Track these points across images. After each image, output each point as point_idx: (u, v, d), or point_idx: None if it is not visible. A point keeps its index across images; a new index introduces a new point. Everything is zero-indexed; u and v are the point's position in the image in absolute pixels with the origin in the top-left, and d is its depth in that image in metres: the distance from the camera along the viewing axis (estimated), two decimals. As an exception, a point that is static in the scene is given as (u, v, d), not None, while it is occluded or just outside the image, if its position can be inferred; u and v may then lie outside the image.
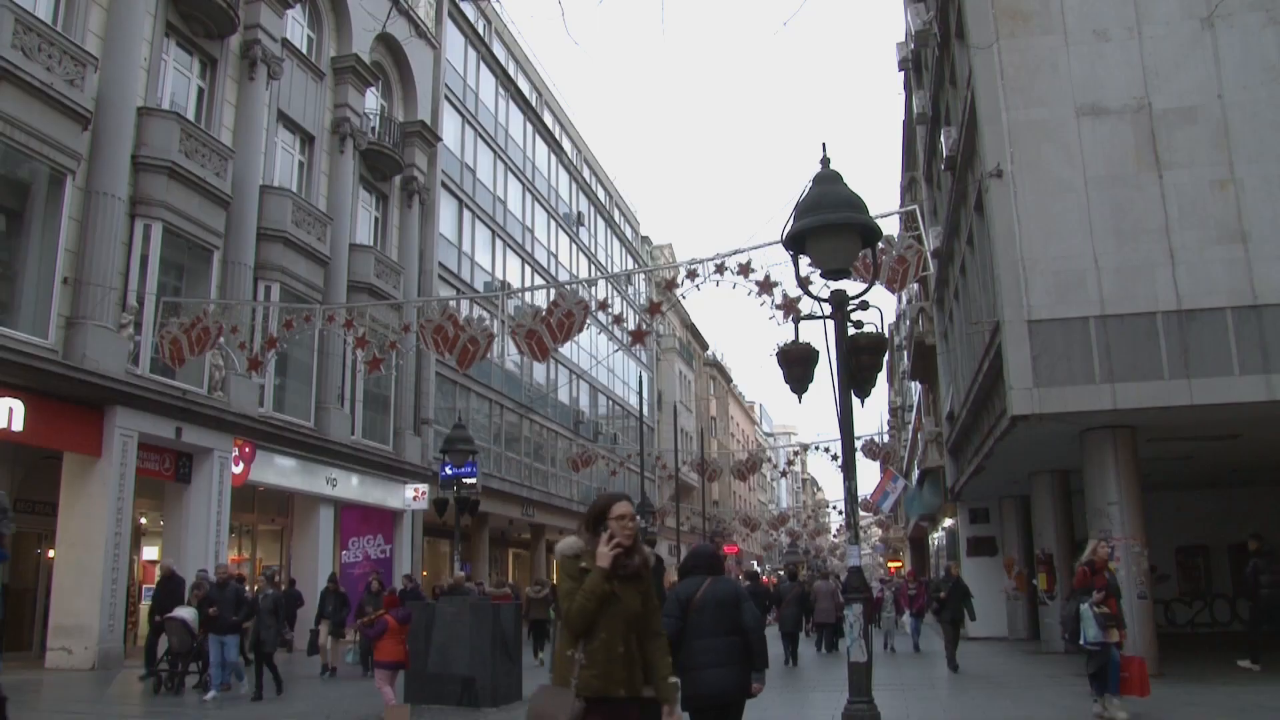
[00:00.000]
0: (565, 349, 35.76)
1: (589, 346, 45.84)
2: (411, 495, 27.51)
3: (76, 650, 16.61)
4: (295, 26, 24.83)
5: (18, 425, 15.85)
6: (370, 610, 14.58)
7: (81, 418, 17.21)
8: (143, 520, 21.37)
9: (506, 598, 21.44)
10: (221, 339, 16.84)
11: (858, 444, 25.81)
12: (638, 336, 17.90)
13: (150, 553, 21.96)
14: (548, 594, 22.84)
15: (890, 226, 26.90)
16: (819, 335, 9.33)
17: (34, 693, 13.90)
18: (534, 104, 42.56)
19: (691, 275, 14.44)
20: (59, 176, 17.02)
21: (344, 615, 17.88)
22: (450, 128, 32.94)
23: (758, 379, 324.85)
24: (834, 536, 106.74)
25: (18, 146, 16.10)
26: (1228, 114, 14.14)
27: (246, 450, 21.00)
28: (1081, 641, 10.92)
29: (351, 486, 25.29)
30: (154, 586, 16.99)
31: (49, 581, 17.86)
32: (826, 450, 35.20)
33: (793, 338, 8.92)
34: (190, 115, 20.33)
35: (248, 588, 16.98)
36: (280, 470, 22.69)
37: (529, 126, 41.93)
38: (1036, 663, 17.44)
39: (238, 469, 20.75)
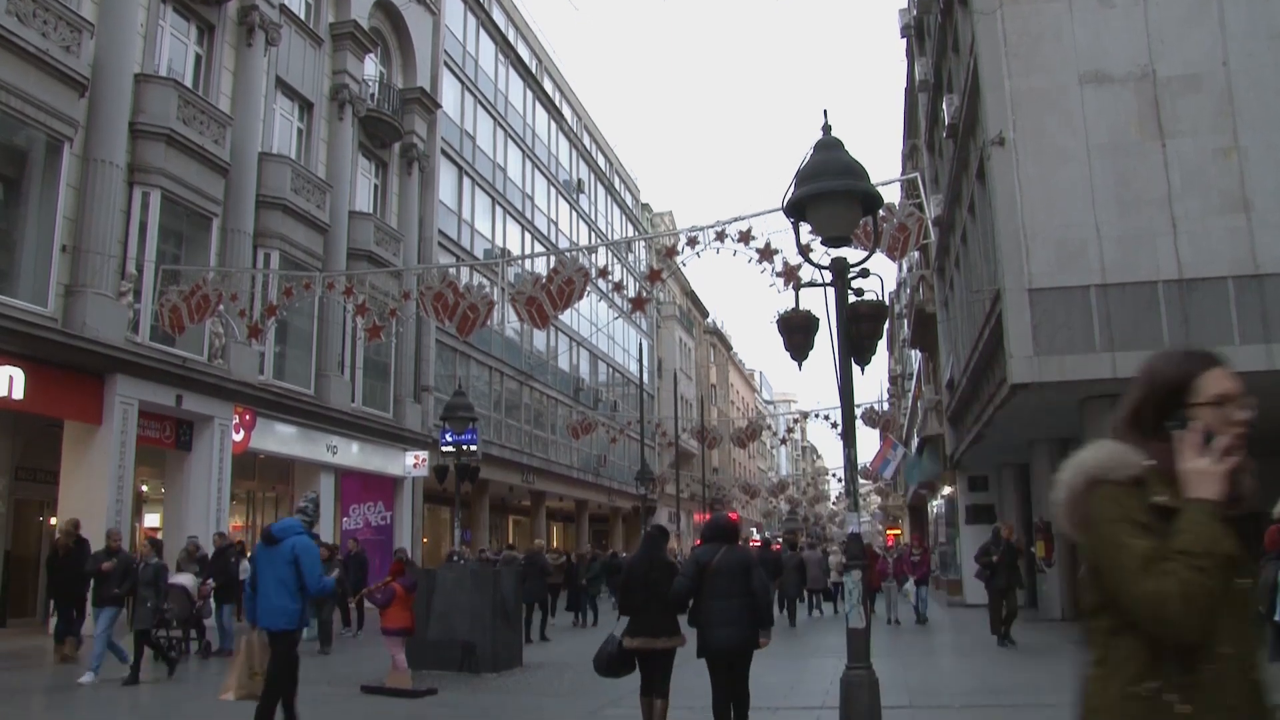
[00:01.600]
0: (565, 316, 35.71)
1: (589, 314, 45.81)
2: (412, 462, 27.59)
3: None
4: (293, -9, 24.62)
5: (18, 394, 15.86)
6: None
7: (82, 386, 17.22)
8: (144, 488, 21.44)
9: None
10: (221, 307, 16.81)
11: (858, 412, 25.86)
12: (638, 304, 17.88)
13: (152, 520, 22.05)
14: (565, 561, 23.26)
15: (891, 194, 26.71)
16: (819, 303, 9.37)
17: (38, 659, 13.99)
18: (534, 70, 42.29)
19: (692, 242, 14.39)
20: (56, 144, 16.93)
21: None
22: (450, 94, 32.74)
23: (758, 347, 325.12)
24: (833, 504, 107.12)
25: (14, 113, 16.00)
26: (1233, 81, 14.06)
27: (247, 418, 21.03)
28: (1277, 616, 9.80)
29: (352, 454, 25.35)
30: (53, 550, 15.31)
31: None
32: (826, 418, 35.25)
33: (793, 305, 8.90)
34: (188, 82, 20.18)
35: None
36: (281, 438, 22.74)
37: (529, 93, 41.69)
38: (1034, 630, 17.54)
39: (238, 436, 20.79)
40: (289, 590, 7.63)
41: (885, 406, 43.46)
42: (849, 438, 8.42)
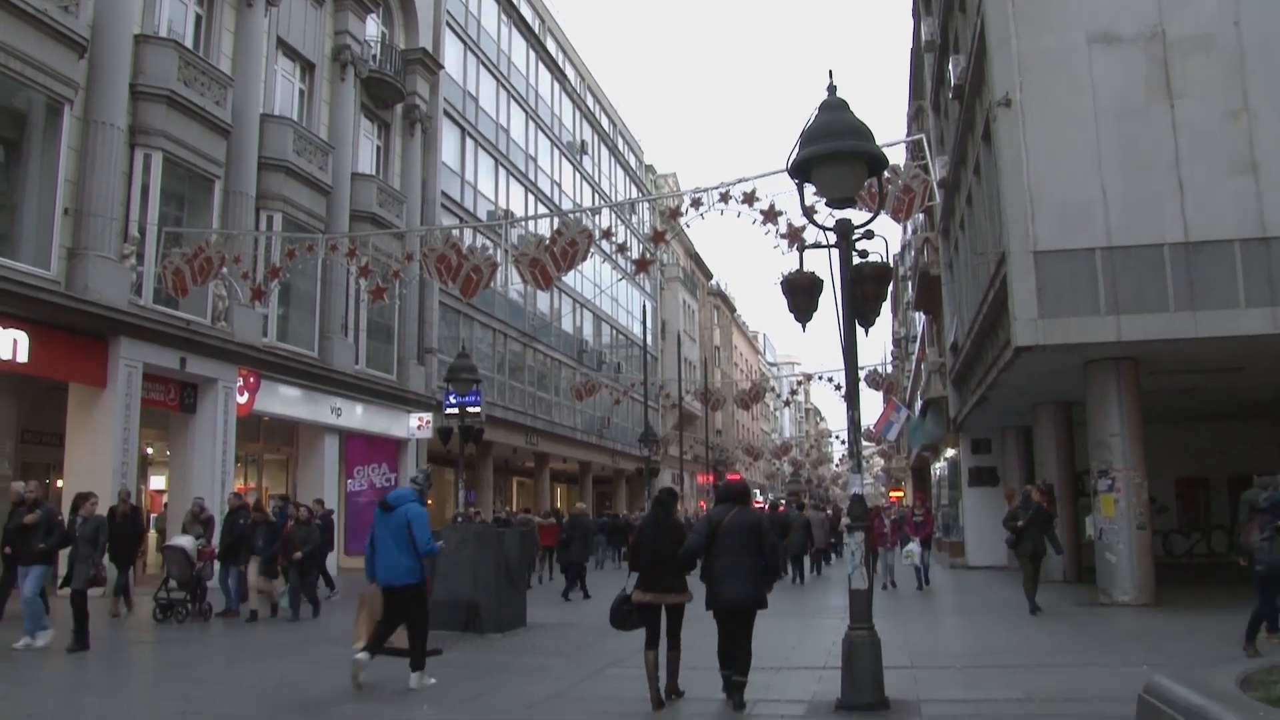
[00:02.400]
0: (569, 278, 35.61)
1: (593, 275, 45.71)
2: (416, 424, 27.65)
3: (86, 578, 16.82)
4: (293, -50, 24.37)
5: (22, 357, 15.88)
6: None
7: (86, 349, 17.23)
8: (149, 450, 21.52)
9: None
10: (224, 269, 16.78)
11: (861, 374, 25.87)
12: (641, 265, 17.83)
13: (157, 482, 22.16)
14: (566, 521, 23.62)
15: (897, 156, 26.65)
16: (824, 265, 9.31)
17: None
18: (537, 31, 41.94)
19: (696, 204, 14.32)
20: (56, 106, 16.83)
21: (275, 550, 15.11)
22: (452, 55, 32.48)
23: (762, 309, 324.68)
24: (836, 466, 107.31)
25: (13, 75, 15.89)
26: (1244, 42, 13.89)
27: (251, 380, 21.06)
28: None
29: (356, 416, 25.41)
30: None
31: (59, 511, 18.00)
32: (830, 380, 35.32)
33: (797, 267, 8.84)
34: (188, 43, 20.02)
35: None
36: (285, 400, 22.78)
37: (532, 54, 41.36)
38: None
39: (242, 399, 20.83)
40: (406, 550, 8.79)
41: (889, 369, 43.49)
42: (853, 400, 8.43)
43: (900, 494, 60.04)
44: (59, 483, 18.50)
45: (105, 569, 11.85)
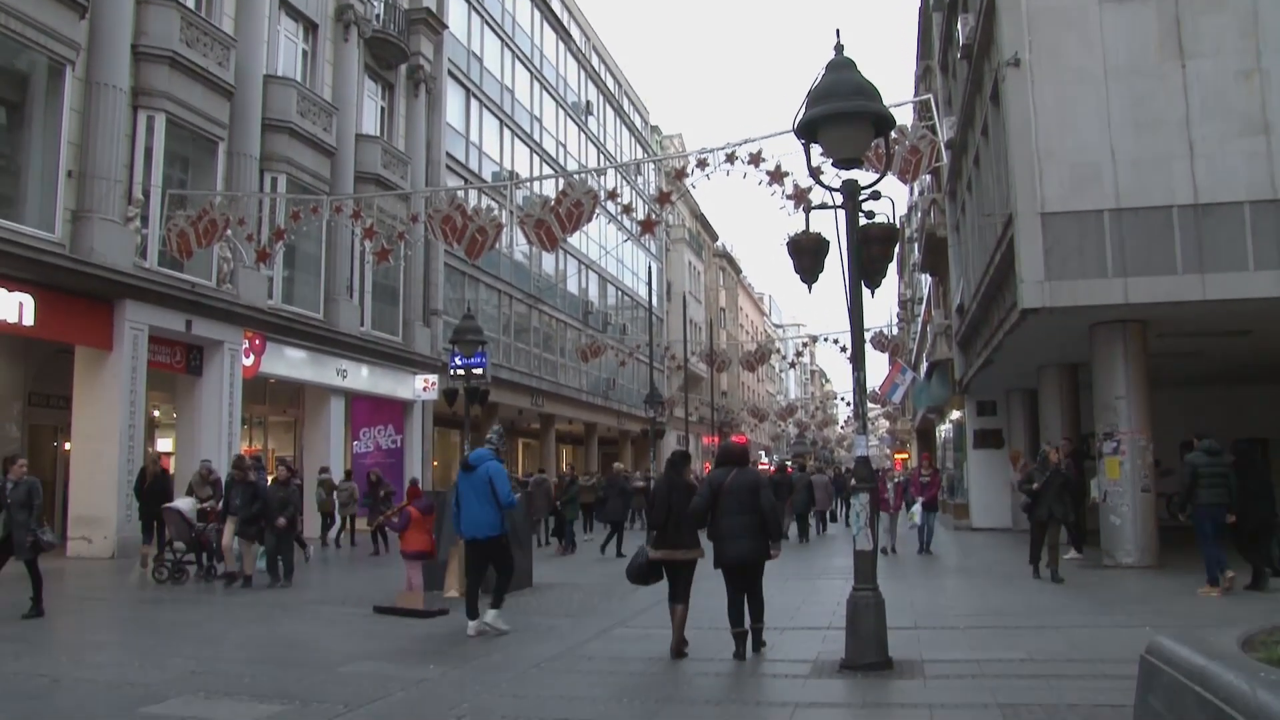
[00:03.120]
0: (574, 239, 35.52)
1: (598, 237, 45.60)
2: (421, 386, 27.70)
3: (96, 539, 16.96)
4: (295, -93, 24.11)
5: (28, 320, 15.92)
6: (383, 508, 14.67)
7: (91, 311, 17.25)
8: (156, 413, 21.61)
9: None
10: (229, 231, 16.75)
11: (867, 335, 25.83)
12: (647, 226, 17.77)
13: (164, 444, 22.26)
14: (597, 481, 24.49)
15: (904, 116, 26.35)
16: (830, 226, 9.30)
17: (59, 580, 14.20)
18: (541, -11, 41.57)
19: (701, 165, 14.25)
20: (58, 67, 16.74)
21: (255, 511, 14.11)
22: (456, 15, 32.19)
23: (768, 270, 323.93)
24: (841, 428, 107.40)
25: (14, 36, 15.79)
26: (1258, 1, 13.71)
27: (256, 342, 21.10)
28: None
29: (362, 377, 25.45)
30: None
31: (67, 473, 18.14)
32: (835, 342, 35.24)
33: (803, 228, 8.81)
34: (190, 4, 19.84)
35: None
36: (290, 362, 22.82)
37: (537, 13, 41.00)
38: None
39: (248, 361, 20.88)
40: (488, 505, 9.43)
41: (894, 330, 43.38)
42: (858, 361, 8.42)
43: (905, 456, 60.14)
44: (66, 445, 18.63)
45: (47, 533, 10.98)
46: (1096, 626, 9.69)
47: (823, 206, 8.57)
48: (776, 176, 13.75)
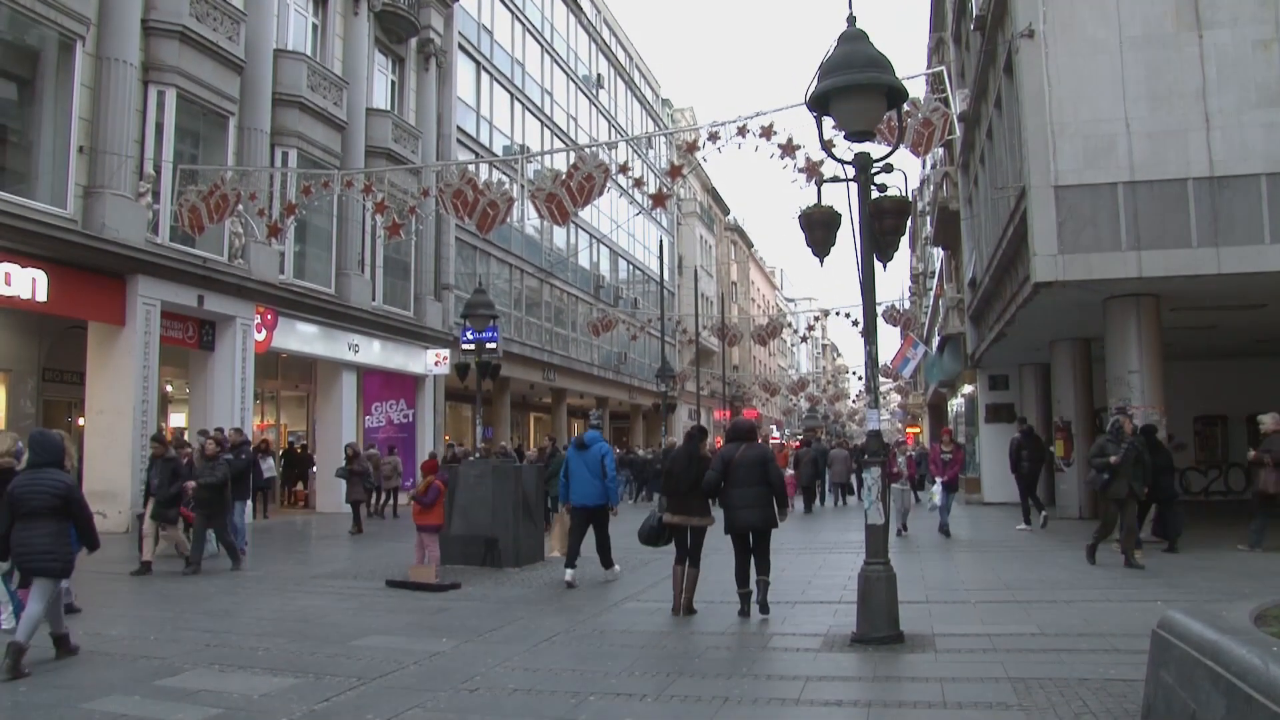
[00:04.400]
0: (585, 213, 35.42)
1: (609, 210, 45.48)
2: (433, 360, 27.75)
3: (111, 514, 17.02)
4: (303, -121, 23.97)
5: (41, 295, 15.96)
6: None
7: (104, 287, 17.29)
8: (169, 388, 21.70)
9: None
10: (240, 206, 16.75)
11: (879, 309, 25.77)
12: (658, 200, 17.69)
13: (177, 419, 22.36)
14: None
15: (916, 88, 26.20)
16: (842, 199, 9.20)
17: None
18: (551, -39, 41.30)
19: (713, 138, 14.16)
20: (68, 42, 16.71)
21: (176, 492, 12.71)
22: (465, -14, 32.03)
23: (779, 244, 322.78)
24: (853, 402, 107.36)
25: (24, 11, 15.76)
26: (1276, -32, 13.55)
27: (268, 317, 21.14)
28: None
29: (373, 352, 25.50)
30: None
31: (81, 449, 18.22)
32: (847, 315, 35.15)
33: (815, 201, 8.76)
34: (199, -25, 19.80)
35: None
36: (302, 337, 22.87)
37: (546, -16, 40.77)
38: (1051, 528, 17.69)
39: (260, 336, 20.93)
40: (598, 478, 11.34)
41: (906, 304, 43.27)
42: (870, 335, 8.39)
43: (916, 430, 60.05)
44: (80, 420, 18.71)
45: None
46: (1108, 601, 9.69)
47: (835, 179, 8.53)
48: (788, 149, 13.67)
